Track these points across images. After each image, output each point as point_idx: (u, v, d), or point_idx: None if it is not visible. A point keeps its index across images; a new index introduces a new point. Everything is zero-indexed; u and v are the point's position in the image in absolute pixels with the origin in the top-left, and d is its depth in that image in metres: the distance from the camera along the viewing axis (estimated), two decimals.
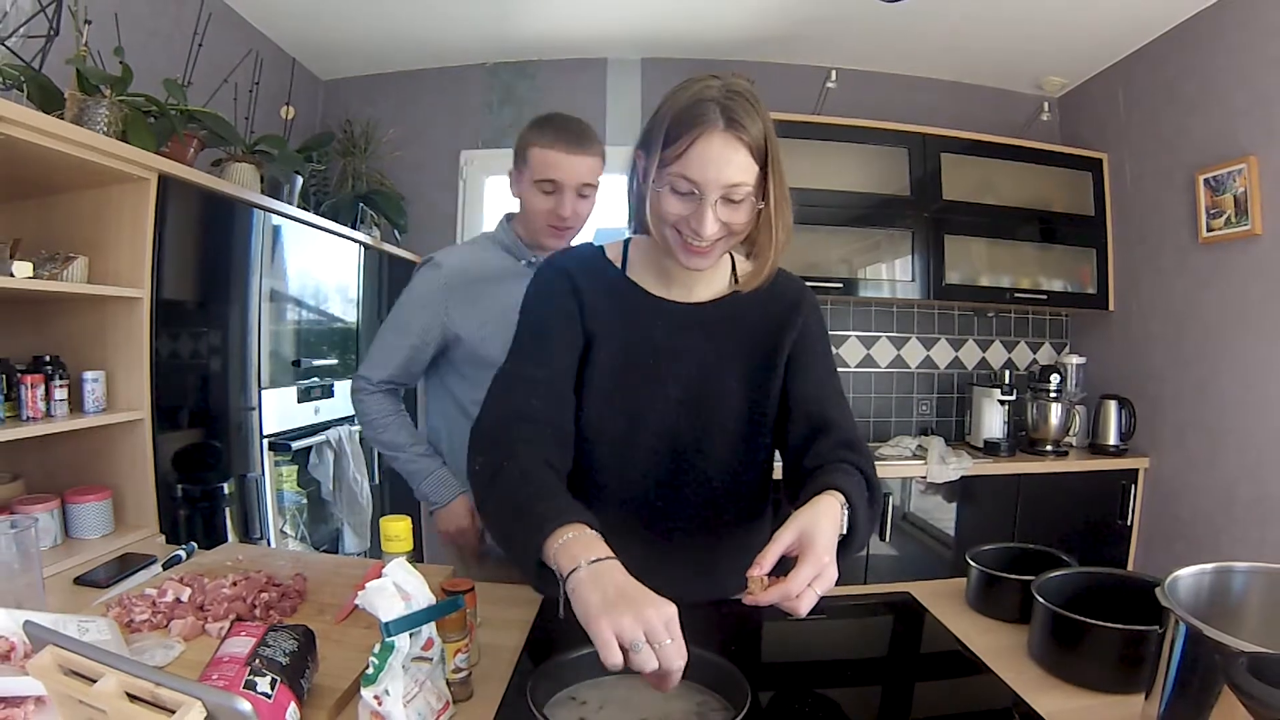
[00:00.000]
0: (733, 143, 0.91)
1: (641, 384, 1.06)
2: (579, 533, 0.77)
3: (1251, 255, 2.49)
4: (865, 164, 3.04)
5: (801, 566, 0.79)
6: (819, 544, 0.80)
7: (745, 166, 0.92)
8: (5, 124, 1.26)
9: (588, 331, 1.05)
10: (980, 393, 3.17)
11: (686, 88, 0.95)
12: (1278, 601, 0.78)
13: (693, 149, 0.90)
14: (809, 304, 1.12)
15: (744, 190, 0.93)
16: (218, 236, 2.01)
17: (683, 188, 0.93)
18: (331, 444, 2.44)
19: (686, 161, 0.91)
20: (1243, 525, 2.50)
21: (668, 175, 0.93)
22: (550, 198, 1.44)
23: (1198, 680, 0.66)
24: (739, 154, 0.91)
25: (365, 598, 0.75)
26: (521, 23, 3.00)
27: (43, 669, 0.63)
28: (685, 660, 0.70)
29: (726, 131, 0.90)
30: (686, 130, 0.91)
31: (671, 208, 0.94)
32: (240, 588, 1.15)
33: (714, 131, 0.90)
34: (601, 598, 0.70)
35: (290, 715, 0.75)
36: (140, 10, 2.15)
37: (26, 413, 1.46)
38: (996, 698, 0.91)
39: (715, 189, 0.92)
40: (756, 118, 0.93)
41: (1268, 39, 2.39)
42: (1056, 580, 1.03)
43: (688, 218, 0.94)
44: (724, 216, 0.94)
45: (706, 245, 0.96)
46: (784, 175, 0.97)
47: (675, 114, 0.93)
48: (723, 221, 0.94)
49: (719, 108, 0.91)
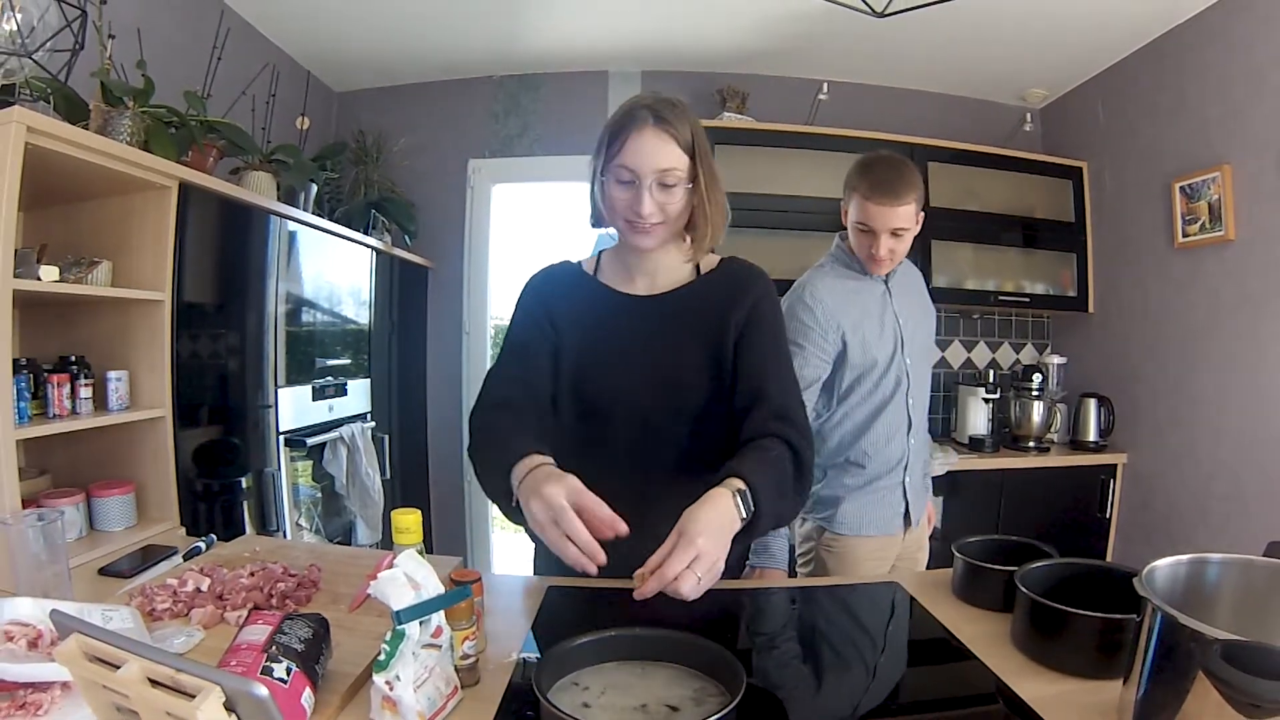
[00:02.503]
0: (662, 135, 1.03)
1: (610, 369, 1.14)
2: (530, 462, 0.92)
3: (1225, 260, 2.49)
4: None
5: (675, 553, 0.82)
6: (689, 531, 0.84)
7: (675, 155, 1.04)
8: (33, 134, 1.26)
9: (557, 329, 1.16)
10: (966, 391, 3.17)
11: (625, 102, 1.09)
12: (1251, 591, 0.78)
13: (629, 143, 1.03)
14: (760, 288, 1.17)
15: (676, 175, 1.04)
16: (236, 242, 2.01)
17: (624, 176, 1.05)
18: (345, 440, 2.44)
19: (624, 153, 1.04)
20: (1217, 518, 2.50)
21: (612, 168, 1.06)
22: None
23: (1174, 666, 0.66)
24: (668, 145, 1.03)
25: (377, 587, 0.76)
26: (526, 37, 3.00)
27: (68, 655, 0.63)
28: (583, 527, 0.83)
29: (656, 126, 1.03)
30: (623, 129, 1.04)
31: (617, 195, 1.07)
32: (257, 578, 1.15)
33: (645, 126, 1.03)
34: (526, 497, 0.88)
35: (305, 700, 0.75)
36: (162, 25, 2.15)
37: (53, 410, 1.46)
38: (981, 683, 0.90)
39: (649, 174, 1.03)
40: (684, 119, 1.05)
41: (1240, 53, 2.39)
42: (1039, 571, 1.03)
43: (630, 202, 1.05)
44: (660, 198, 1.05)
45: (648, 225, 1.06)
46: (714, 167, 1.09)
47: (614, 120, 1.07)
48: (659, 203, 1.05)
49: (649, 110, 1.04)
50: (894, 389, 1.63)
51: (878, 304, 1.64)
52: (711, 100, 3.13)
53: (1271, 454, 2.31)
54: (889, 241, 1.53)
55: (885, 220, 1.51)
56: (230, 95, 2.23)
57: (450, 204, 3.37)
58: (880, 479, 1.64)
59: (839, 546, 1.64)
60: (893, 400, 1.63)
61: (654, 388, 1.13)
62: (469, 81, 3.35)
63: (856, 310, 1.60)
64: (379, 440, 2.69)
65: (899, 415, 1.64)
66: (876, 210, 1.51)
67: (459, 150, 3.37)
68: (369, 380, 2.75)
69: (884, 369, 1.62)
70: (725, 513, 0.88)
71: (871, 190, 1.51)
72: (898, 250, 1.56)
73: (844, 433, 1.65)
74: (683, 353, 1.13)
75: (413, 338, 3.27)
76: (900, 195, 1.50)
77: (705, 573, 0.83)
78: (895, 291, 1.66)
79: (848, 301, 1.59)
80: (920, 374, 1.68)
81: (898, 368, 1.63)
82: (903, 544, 1.69)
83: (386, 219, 3.02)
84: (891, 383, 1.63)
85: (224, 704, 0.57)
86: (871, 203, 1.51)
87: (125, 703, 0.61)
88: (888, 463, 1.64)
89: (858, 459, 1.64)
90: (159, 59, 1.84)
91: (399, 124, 3.28)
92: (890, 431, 1.63)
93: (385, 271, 2.93)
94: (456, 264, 3.39)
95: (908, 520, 1.68)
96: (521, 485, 0.90)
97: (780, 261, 1.97)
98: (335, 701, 0.81)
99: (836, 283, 1.62)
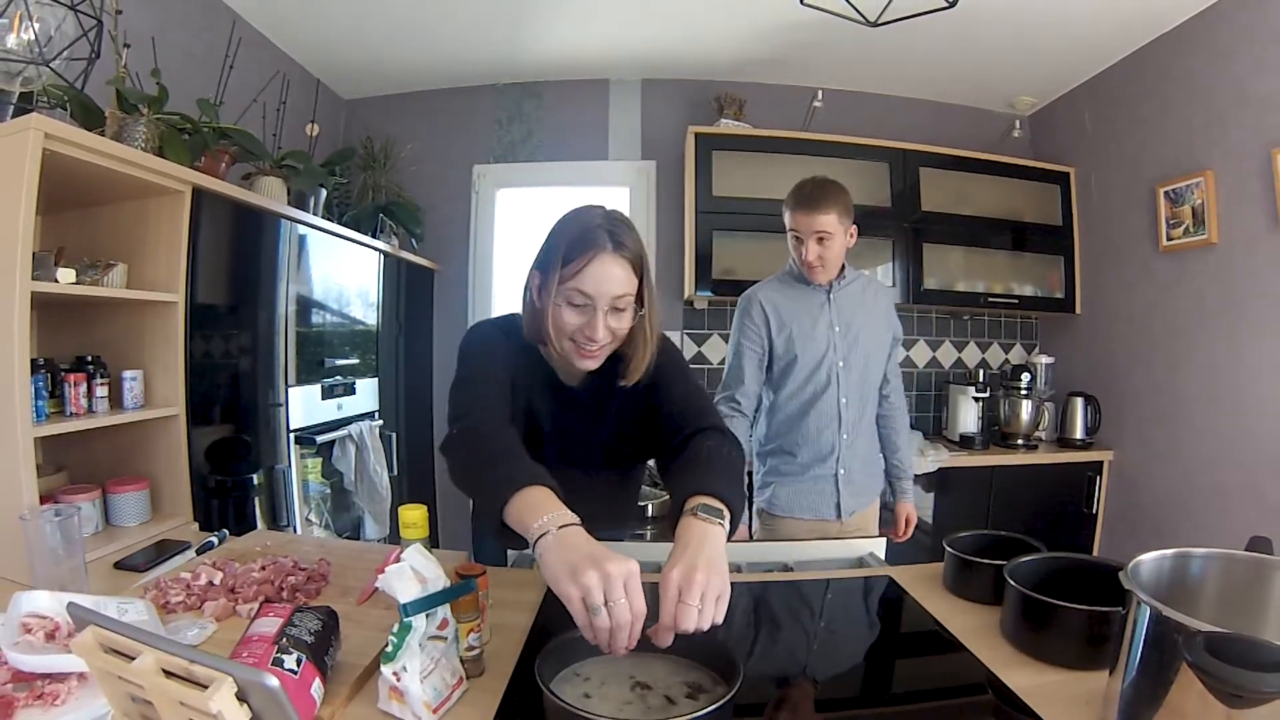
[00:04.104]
0: (620, 260, 1.01)
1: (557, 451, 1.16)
2: (542, 496, 0.82)
3: (1208, 263, 2.49)
4: (849, 177, 2.96)
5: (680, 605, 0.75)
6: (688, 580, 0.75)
7: (629, 280, 1.02)
8: (51, 140, 1.26)
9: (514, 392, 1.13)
10: (956, 390, 3.17)
11: (577, 218, 1.05)
12: (1233, 584, 0.78)
13: (588, 268, 1.00)
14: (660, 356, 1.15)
15: (627, 299, 1.03)
16: (248, 245, 2.01)
17: (578, 300, 1.01)
18: (353, 438, 2.44)
19: (582, 278, 1.00)
20: (1200, 513, 2.50)
21: (565, 290, 1.02)
22: None
23: (1158, 657, 0.66)
24: (624, 270, 1.02)
25: (385, 581, 0.76)
26: (529, 46, 2.99)
27: (85, 647, 0.63)
28: (631, 617, 0.72)
29: (614, 252, 1.00)
30: (581, 252, 1.00)
31: (569, 319, 1.03)
32: (268, 572, 1.15)
33: (604, 252, 1.00)
34: (567, 560, 0.74)
35: (315, 690, 0.75)
36: (176, 35, 2.15)
37: (70, 409, 1.46)
38: (971, 674, 0.91)
39: (605, 300, 1.01)
40: (635, 239, 1.04)
41: (1222, 63, 2.39)
42: (1027, 565, 1.03)
43: (582, 326, 1.03)
44: (612, 323, 1.03)
45: (597, 349, 1.04)
46: (653, 282, 1.08)
47: (570, 239, 1.02)
48: (610, 327, 1.03)
49: (607, 234, 1.01)
50: (824, 387, 1.80)
51: (814, 309, 1.82)
52: (709, 107, 3.13)
53: (1252, 451, 2.31)
54: (815, 247, 1.72)
55: (809, 226, 1.71)
56: (242, 103, 2.23)
57: (455, 208, 3.37)
58: (812, 468, 1.83)
59: (774, 525, 1.86)
60: (823, 397, 1.80)
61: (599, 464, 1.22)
62: (474, 89, 3.35)
63: (788, 312, 1.81)
64: (386, 438, 2.69)
65: (829, 411, 1.81)
66: (802, 217, 1.72)
67: (464, 156, 3.37)
68: (377, 380, 2.75)
69: (813, 367, 1.80)
70: (706, 539, 0.82)
71: (798, 202, 1.74)
72: (825, 255, 1.73)
73: (778, 421, 1.85)
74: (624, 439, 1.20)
75: (419, 338, 3.26)
76: (820, 205, 1.70)
77: (696, 593, 0.75)
78: (838, 302, 1.83)
79: (783, 304, 1.82)
80: (856, 378, 1.83)
81: (829, 368, 1.80)
82: (843, 530, 1.82)
83: (394, 223, 3.02)
84: (822, 381, 1.80)
85: (236, 694, 0.57)
86: (798, 212, 1.73)
87: (140, 693, 0.61)
88: (818, 454, 1.82)
89: (790, 448, 1.84)
90: (173, 67, 1.84)
91: (406, 130, 3.28)
92: (820, 425, 1.81)
93: (392, 274, 2.92)
94: (462, 266, 3.39)
95: (841, 511, 1.83)
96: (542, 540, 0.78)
97: (775, 264, 1.98)
98: (344, 692, 0.81)
99: (778, 290, 1.85)
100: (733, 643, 0.82)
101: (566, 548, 0.76)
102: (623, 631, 0.72)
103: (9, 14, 1.29)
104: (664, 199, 3.28)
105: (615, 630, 0.72)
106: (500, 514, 0.83)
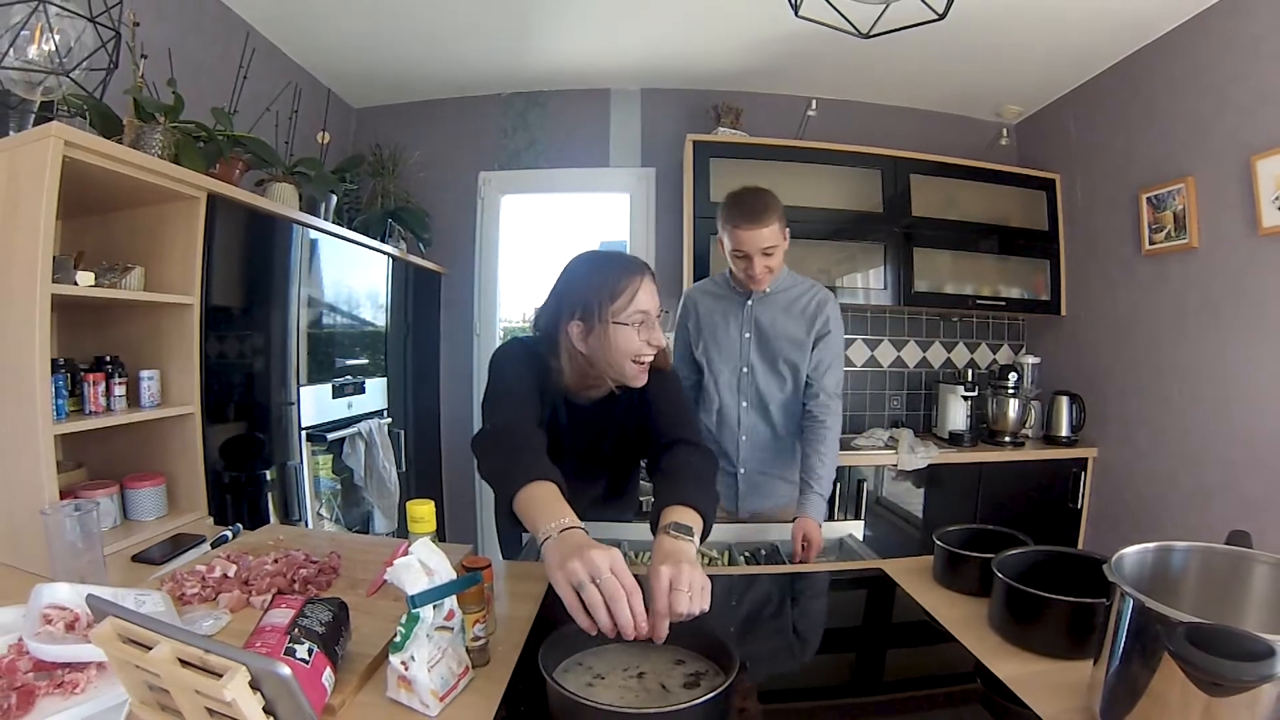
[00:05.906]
0: (654, 282, 1.20)
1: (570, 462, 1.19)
2: (547, 494, 0.91)
3: (1189, 266, 2.49)
4: (842, 184, 3.03)
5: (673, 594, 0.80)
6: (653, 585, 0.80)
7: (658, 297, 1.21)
8: (71, 148, 1.26)
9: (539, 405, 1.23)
10: (945, 389, 3.17)
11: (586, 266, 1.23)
12: (1213, 577, 0.79)
13: (640, 292, 1.17)
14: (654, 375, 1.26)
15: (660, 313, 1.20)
16: (261, 249, 2.01)
17: (636, 319, 1.16)
18: (363, 435, 2.44)
19: (638, 300, 1.16)
20: (1182, 509, 2.50)
21: (625, 314, 1.15)
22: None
23: (1141, 648, 0.66)
24: (654, 287, 1.20)
25: (393, 573, 0.76)
26: (533, 57, 3.00)
27: (104, 637, 0.63)
28: (626, 595, 0.76)
29: (650, 277, 1.20)
30: (628, 283, 1.16)
31: (630, 337, 1.17)
32: (281, 564, 1.15)
33: (646, 275, 1.19)
34: (560, 554, 0.81)
35: (326, 679, 0.75)
36: (191, 46, 2.15)
37: (89, 407, 1.46)
38: (960, 663, 0.91)
39: (655, 313, 1.19)
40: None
41: (1203, 72, 2.39)
42: (1014, 558, 1.03)
43: (647, 339, 1.18)
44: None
45: (642, 368, 1.20)
46: None
47: (606, 279, 1.17)
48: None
49: (630, 261, 1.20)
50: (729, 389, 1.79)
51: (732, 315, 1.79)
52: (707, 115, 3.13)
53: (1233, 447, 2.31)
54: (762, 260, 1.64)
55: (756, 242, 1.62)
56: (255, 111, 2.23)
57: (462, 213, 3.37)
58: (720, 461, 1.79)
59: None
60: (725, 398, 1.79)
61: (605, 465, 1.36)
62: (479, 99, 3.35)
63: (708, 317, 1.81)
64: (395, 435, 2.69)
65: (730, 414, 1.79)
66: (746, 234, 1.62)
67: (470, 163, 3.37)
68: (385, 379, 2.75)
69: (718, 368, 1.79)
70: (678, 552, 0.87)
71: (742, 216, 1.63)
72: (772, 266, 1.67)
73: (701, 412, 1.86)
74: (624, 445, 1.33)
75: (427, 339, 3.27)
76: (763, 218, 1.61)
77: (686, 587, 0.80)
78: (760, 309, 1.76)
79: (706, 309, 1.82)
80: (761, 383, 1.77)
81: (734, 371, 1.78)
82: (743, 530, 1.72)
83: (402, 227, 3.01)
84: (725, 382, 1.79)
85: (249, 683, 0.57)
86: (742, 228, 1.62)
87: (157, 682, 0.61)
88: (721, 450, 1.79)
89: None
90: (188, 77, 1.84)
91: (414, 138, 3.28)
92: (721, 424, 1.80)
93: (401, 277, 2.92)
94: (468, 270, 3.39)
95: (739, 507, 1.80)
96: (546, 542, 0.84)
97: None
98: (354, 681, 0.82)
99: (705, 293, 1.86)
100: (729, 634, 0.82)
101: (563, 545, 0.82)
102: (617, 603, 0.76)
103: (30, 26, 1.29)
104: (663, 205, 3.28)
105: (611, 602, 0.76)
106: (510, 502, 0.93)
